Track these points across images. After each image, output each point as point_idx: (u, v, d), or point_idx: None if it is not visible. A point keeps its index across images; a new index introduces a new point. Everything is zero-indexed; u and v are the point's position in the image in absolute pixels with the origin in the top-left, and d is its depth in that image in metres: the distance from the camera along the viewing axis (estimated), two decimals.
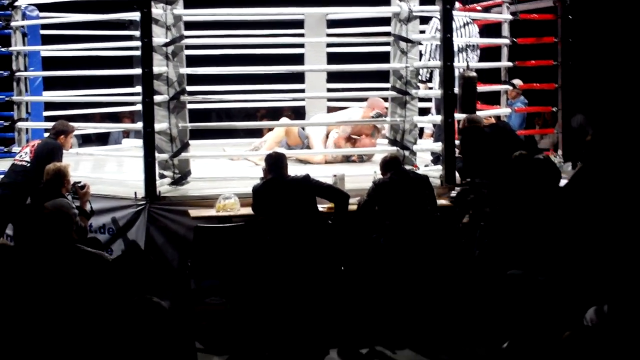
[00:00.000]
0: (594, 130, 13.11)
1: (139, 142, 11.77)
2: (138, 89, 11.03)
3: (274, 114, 13.27)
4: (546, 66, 10.76)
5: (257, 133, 11.90)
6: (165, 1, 8.67)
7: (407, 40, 9.28)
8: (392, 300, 7.74)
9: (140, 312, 3.45)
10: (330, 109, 11.66)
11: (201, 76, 10.36)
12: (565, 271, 6.36)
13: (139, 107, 11.56)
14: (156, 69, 8.52)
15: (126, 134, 13.33)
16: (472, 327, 7.33)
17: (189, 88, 9.39)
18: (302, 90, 11.52)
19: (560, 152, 10.40)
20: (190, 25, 9.62)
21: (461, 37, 9.94)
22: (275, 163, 7.85)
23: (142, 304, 3.46)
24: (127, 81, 11.64)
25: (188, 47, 9.39)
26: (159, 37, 8.66)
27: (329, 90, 11.57)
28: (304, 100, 11.78)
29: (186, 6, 9.03)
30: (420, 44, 9.63)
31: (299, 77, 11.57)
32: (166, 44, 8.70)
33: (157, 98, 8.52)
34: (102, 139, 13.51)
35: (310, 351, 7.15)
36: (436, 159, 9.70)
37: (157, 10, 8.57)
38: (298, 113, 12.58)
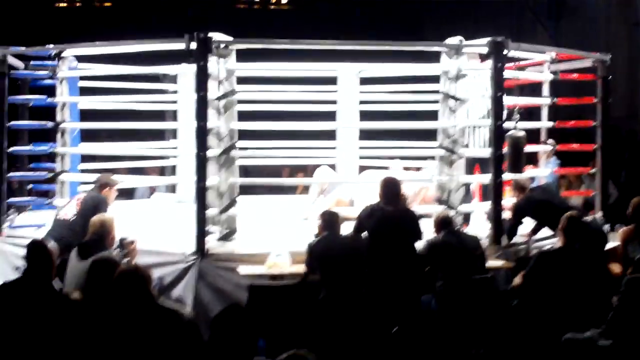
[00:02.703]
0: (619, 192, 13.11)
1: (170, 196, 11.71)
2: (172, 142, 10.88)
3: (301, 171, 13.16)
4: (582, 127, 10.78)
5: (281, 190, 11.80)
6: (218, 55, 8.57)
7: (456, 98, 9.19)
8: None
9: None
10: (362, 168, 11.52)
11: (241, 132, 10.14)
12: None
13: (172, 161, 11.48)
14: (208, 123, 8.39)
15: (153, 189, 13.11)
16: None
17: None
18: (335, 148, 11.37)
19: (600, 214, 10.28)
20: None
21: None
22: (330, 220, 7.86)
23: None
24: (157, 135, 11.48)
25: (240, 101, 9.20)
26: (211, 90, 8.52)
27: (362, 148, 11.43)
28: (335, 158, 11.59)
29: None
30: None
31: (330, 135, 11.43)
32: (218, 98, 8.60)
33: (209, 152, 8.38)
34: (127, 194, 13.26)
35: None
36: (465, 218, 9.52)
37: (210, 64, 8.44)
38: None
